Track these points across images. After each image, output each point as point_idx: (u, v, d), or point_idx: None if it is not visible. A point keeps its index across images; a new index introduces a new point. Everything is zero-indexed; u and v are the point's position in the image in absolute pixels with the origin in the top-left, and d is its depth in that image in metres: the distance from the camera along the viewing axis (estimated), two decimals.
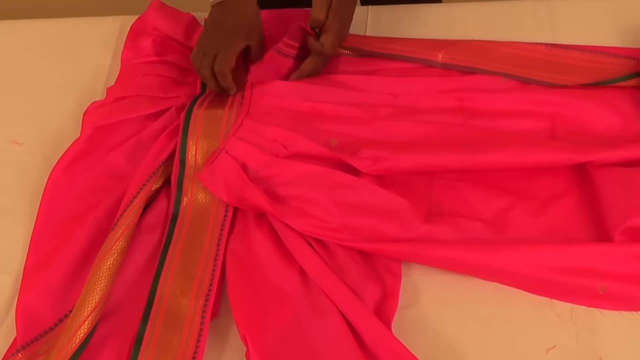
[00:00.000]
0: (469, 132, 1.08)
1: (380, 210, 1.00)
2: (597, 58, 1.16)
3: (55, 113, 1.16)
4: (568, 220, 1.01)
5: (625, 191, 0.98)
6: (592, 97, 1.11)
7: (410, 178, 1.05)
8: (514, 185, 1.04)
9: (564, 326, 0.92)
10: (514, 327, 0.92)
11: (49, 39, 1.26)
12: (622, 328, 0.91)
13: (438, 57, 1.18)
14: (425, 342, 0.91)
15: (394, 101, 1.13)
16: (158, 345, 0.91)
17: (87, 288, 0.93)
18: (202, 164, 1.05)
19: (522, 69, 1.16)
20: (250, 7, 1.13)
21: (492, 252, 0.95)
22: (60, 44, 1.25)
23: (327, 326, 0.91)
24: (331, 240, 0.97)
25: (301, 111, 1.11)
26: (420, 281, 0.97)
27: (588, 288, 0.93)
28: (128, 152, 1.09)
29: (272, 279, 0.96)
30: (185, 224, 1.01)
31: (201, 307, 0.93)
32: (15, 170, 1.11)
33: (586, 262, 0.94)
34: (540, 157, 1.04)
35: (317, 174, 1.03)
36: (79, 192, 1.05)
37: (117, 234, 0.97)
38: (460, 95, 1.12)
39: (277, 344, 0.90)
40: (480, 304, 0.94)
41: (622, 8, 1.23)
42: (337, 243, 0.97)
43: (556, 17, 1.23)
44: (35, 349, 0.93)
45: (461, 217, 1.00)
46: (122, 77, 1.18)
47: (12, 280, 1.00)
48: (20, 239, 1.03)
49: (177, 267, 0.97)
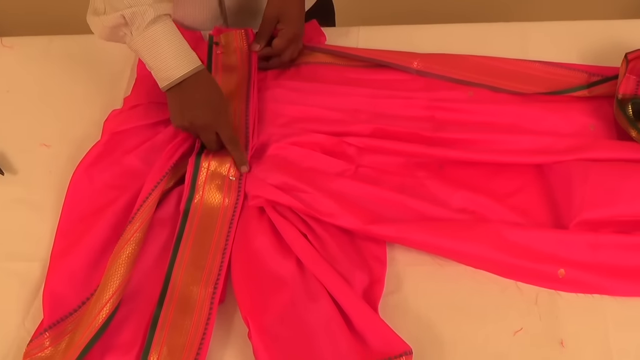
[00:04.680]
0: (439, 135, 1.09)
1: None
2: (555, 70, 1.18)
3: (79, 119, 1.15)
4: (527, 211, 1.02)
5: (580, 186, 0.99)
6: (548, 108, 1.12)
7: (386, 178, 1.06)
8: (477, 182, 1.05)
9: (529, 310, 0.93)
10: (486, 312, 0.93)
11: (76, 54, 1.26)
12: (581, 313, 0.92)
13: (413, 64, 1.19)
14: (407, 324, 0.91)
15: (372, 108, 1.14)
16: (171, 327, 0.91)
17: (108, 274, 0.93)
18: (216, 168, 1.04)
19: (488, 77, 1.17)
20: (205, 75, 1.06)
21: (461, 235, 0.96)
22: (85, 58, 1.25)
23: (320, 309, 0.91)
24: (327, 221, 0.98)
25: (291, 115, 1.12)
26: (403, 271, 0.97)
27: (549, 272, 0.94)
28: (143, 154, 1.08)
29: (271, 269, 0.96)
30: (196, 219, 1.00)
31: (210, 294, 0.94)
32: (43, 169, 1.10)
33: (546, 247, 0.95)
34: (502, 157, 1.05)
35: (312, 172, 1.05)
36: (99, 189, 1.05)
37: (135, 226, 0.96)
38: (430, 104, 1.13)
39: (276, 325, 0.90)
40: (455, 292, 0.95)
41: (582, 30, 1.24)
42: (330, 222, 0.98)
43: (527, 38, 1.24)
44: (60, 328, 0.92)
45: (432, 206, 1.01)
46: (137, 86, 1.18)
47: (40, 267, 0.99)
48: (47, 230, 1.03)
49: (188, 258, 0.97)
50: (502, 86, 1.16)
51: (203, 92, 1.05)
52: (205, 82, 1.06)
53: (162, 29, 1.01)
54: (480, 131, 1.09)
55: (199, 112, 1.04)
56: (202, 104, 1.05)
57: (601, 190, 0.98)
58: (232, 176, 1.04)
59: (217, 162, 1.05)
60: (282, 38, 1.17)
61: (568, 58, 1.19)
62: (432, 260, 0.97)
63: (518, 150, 1.06)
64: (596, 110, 1.12)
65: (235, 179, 1.04)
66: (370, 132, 1.09)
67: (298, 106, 1.13)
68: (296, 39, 1.18)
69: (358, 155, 1.08)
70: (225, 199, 1.02)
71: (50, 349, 0.91)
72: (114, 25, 1.01)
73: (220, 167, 1.05)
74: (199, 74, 1.04)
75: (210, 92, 1.06)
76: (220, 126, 1.05)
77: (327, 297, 0.92)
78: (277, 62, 1.20)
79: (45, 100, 1.20)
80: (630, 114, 1.05)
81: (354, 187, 1.03)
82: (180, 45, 1.03)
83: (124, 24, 1.00)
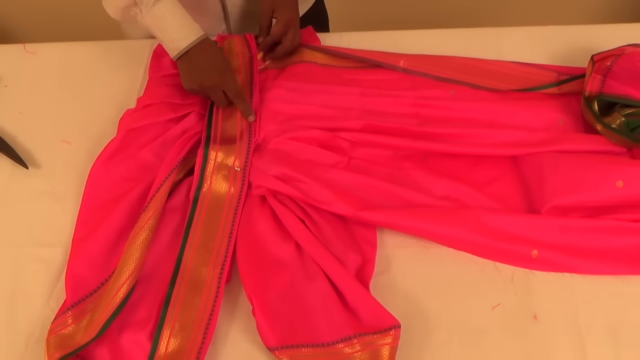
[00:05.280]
0: (424, 130, 1.09)
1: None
2: (528, 69, 1.19)
3: (96, 118, 1.15)
4: (504, 198, 1.02)
5: (551, 175, 1.00)
6: (522, 105, 1.13)
7: (375, 169, 1.06)
8: (458, 172, 1.05)
9: (506, 287, 0.93)
10: (467, 290, 0.94)
11: (93, 59, 1.26)
12: (553, 289, 0.93)
13: (400, 63, 1.20)
14: (396, 301, 0.92)
15: (363, 105, 1.14)
16: (183, 304, 0.92)
17: (125, 258, 0.93)
18: (222, 160, 1.05)
19: (468, 75, 1.18)
20: (209, 43, 1.10)
21: (444, 220, 0.97)
22: (101, 63, 1.24)
23: (317, 288, 0.92)
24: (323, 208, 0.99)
25: (289, 112, 1.13)
26: (391, 253, 0.98)
27: (523, 253, 0.95)
28: (155, 149, 1.08)
29: (273, 252, 0.96)
30: (204, 207, 1.01)
31: (218, 275, 0.94)
32: (64, 164, 1.10)
33: (520, 230, 0.96)
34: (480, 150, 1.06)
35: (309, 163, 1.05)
36: (115, 181, 1.05)
37: (149, 214, 0.97)
38: (416, 102, 1.14)
39: (277, 303, 0.91)
40: (439, 271, 0.95)
41: (553, 34, 1.25)
42: (326, 209, 0.99)
43: (502, 42, 1.24)
44: (82, 307, 0.92)
45: (417, 194, 1.02)
46: (149, 87, 1.18)
47: (62, 252, 0.99)
48: (68, 219, 1.03)
49: (198, 242, 0.97)
50: (480, 84, 1.17)
51: (208, 57, 1.10)
52: (209, 48, 1.10)
53: (167, 6, 1.06)
54: (461, 126, 1.10)
55: (206, 74, 1.09)
56: (208, 67, 1.09)
57: (570, 179, 0.99)
58: (237, 167, 1.05)
59: (223, 154, 1.05)
60: (279, 23, 1.18)
61: (539, 59, 1.20)
62: (418, 243, 0.98)
63: (495, 143, 1.06)
64: (565, 107, 1.13)
65: (240, 170, 1.04)
66: (361, 127, 1.09)
67: (296, 105, 1.13)
68: (293, 24, 1.19)
69: (350, 149, 1.08)
70: (231, 187, 1.03)
71: (72, 326, 0.91)
72: (125, 5, 1.06)
73: (226, 159, 1.05)
74: (203, 42, 1.09)
75: (214, 56, 1.11)
76: (226, 84, 1.11)
77: (324, 277, 0.93)
78: (282, 50, 1.20)
79: (66, 101, 1.20)
80: (596, 110, 1.05)
81: (346, 177, 1.04)
82: (184, 19, 1.08)
83: (134, 4, 1.05)
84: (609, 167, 0.99)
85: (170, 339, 0.89)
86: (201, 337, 0.89)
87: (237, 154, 1.06)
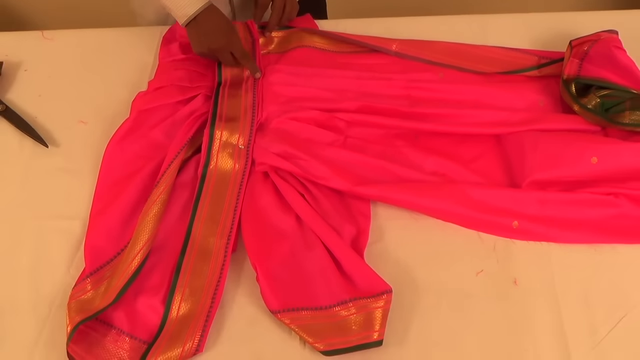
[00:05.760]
0: (414, 110, 1.09)
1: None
2: (511, 53, 1.18)
3: (111, 100, 1.15)
4: (487, 173, 1.03)
5: (531, 152, 1.00)
6: (505, 87, 1.13)
7: (369, 147, 1.06)
8: (446, 149, 1.06)
9: (488, 255, 0.94)
10: (453, 257, 0.94)
11: (107, 45, 1.25)
12: (531, 257, 0.94)
13: (392, 47, 1.20)
14: (388, 268, 0.92)
15: (358, 88, 1.14)
16: (192, 272, 0.93)
17: (139, 229, 0.94)
18: (227, 138, 1.05)
19: (454, 59, 1.18)
20: (218, 14, 1.10)
21: (432, 194, 0.97)
22: (115, 48, 1.24)
23: (315, 257, 0.93)
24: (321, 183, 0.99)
25: (289, 94, 1.12)
26: (384, 224, 0.98)
27: (505, 224, 0.96)
28: (165, 129, 1.08)
29: (274, 223, 0.96)
30: (212, 182, 1.01)
31: (224, 244, 0.95)
32: (81, 142, 1.10)
33: (502, 203, 0.96)
34: (466, 129, 1.06)
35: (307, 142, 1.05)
36: (129, 159, 1.05)
37: (160, 189, 0.97)
38: (407, 85, 1.14)
39: (279, 270, 0.91)
40: (428, 241, 0.96)
41: (535, 21, 1.25)
42: (324, 184, 0.99)
43: (487, 28, 1.24)
44: (100, 275, 0.93)
45: (408, 170, 1.02)
46: (159, 72, 1.18)
47: (81, 224, 1.00)
48: (86, 194, 1.03)
49: (206, 214, 0.97)
50: (467, 67, 1.17)
51: (215, 22, 1.10)
52: (215, 13, 1.10)
53: None
54: (449, 107, 1.10)
55: (213, 37, 1.10)
56: (215, 31, 1.10)
57: (548, 156, 0.99)
58: (241, 145, 1.05)
59: (228, 133, 1.06)
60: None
61: (522, 44, 1.20)
62: (408, 215, 0.98)
63: (480, 123, 1.07)
64: (545, 89, 1.13)
65: (244, 148, 1.05)
66: (356, 108, 1.09)
67: (295, 87, 1.13)
68: None
69: (346, 128, 1.09)
70: (235, 164, 1.03)
71: (91, 292, 0.92)
72: None
73: (230, 138, 1.06)
74: (209, 8, 1.09)
75: (220, 20, 1.11)
76: (233, 46, 1.12)
77: (321, 246, 0.93)
78: (275, 18, 1.20)
79: (82, 84, 1.20)
80: (574, 92, 1.06)
81: (343, 154, 1.04)
82: None
83: None
84: (585, 145, 0.99)
85: (181, 303, 0.90)
86: (209, 302, 0.90)
87: (241, 132, 1.06)
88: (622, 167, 0.98)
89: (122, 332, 0.89)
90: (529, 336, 0.87)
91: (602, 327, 0.87)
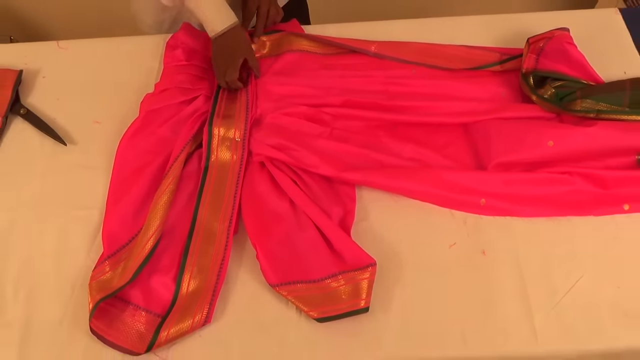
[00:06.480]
0: (392, 103, 1.09)
1: None
2: (475, 51, 1.17)
3: (122, 101, 1.14)
4: (457, 158, 1.02)
5: (495, 138, 1.00)
6: (470, 82, 1.12)
7: (353, 137, 1.06)
8: (421, 137, 1.05)
9: (459, 229, 0.95)
10: (429, 232, 0.95)
11: (117, 52, 1.24)
12: (498, 230, 0.94)
13: (371, 48, 1.18)
14: (373, 245, 0.93)
15: (342, 85, 1.13)
16: (199, 253, 0.93)
17: (150, 216, 0.94)
18: (224, 133, 1.05)
19: (426, 57, 1.16)
20: (240, 33, 1.11)
21: (410, 177, 0.97)
22: (124, 55, 1.23)
23: (308, 237, 0.93)
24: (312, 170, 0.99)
25: (281, 93, 1.11)
26: (369, 205, 0.98)
27: (474, 202, 0.96)
28: (171, 126, 1.08)
29: (271, 207, 0.97)
30: (214, 173, 1.01)
31: (227, 227, 0.95)
32: (96, 141, 1.10)
33: (471, 183, 0.97)
34: (438, 119, 1.06)
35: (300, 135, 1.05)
36: (139, 154, 1.05)
37: (168, 180, 0.98)
38: (385, 81, 1.13)
39: (276, 248, 0.92)
40: (407, 219, 0.96)
41: (496, 22, 1.24)
42: (314, 172, 0.99)
43: (456, 30, 1.22)
44: (117, 258, 0.94)
45: (388, 157, 1.02)
46: (164, 75, 1.17)
47: (98, 214, 1.00)
48: (102, 186, 1.03)
49: (209, 201, 0.98)
50: (437, 64, 1.16)
51: (237, 39, 1.10)
52: (238, 31, 1.11)
53: None
54: (422, 99, 1.09)
55: (233, 51, 1.10)
56: (236, 47, 1.10)
57: (511, 140, 1.00)
58: (237, 138, 1.05)
59: (225, 129, 1.05)
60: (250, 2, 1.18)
61: (486, 42, 1.19)
62: (389, 197, 0.99)
63: (450, 113, 1.07)
64: (506, 81, 1.13)
65: (240, 140, 1.05)
66: (340, 103, 1.09)
67: (286, 86, 1.12)
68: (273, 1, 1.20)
69: (332, 121, 1.08)
70: (234, 155, 1.03)
71: (110, 273, 0.92)
72: None
73: (227, 132, 1.05)
74: (235, 27, 1.10)
75: (241, 38, 1.11)
76: (249, 55, 1.11)
77: (313, 227, 0.94)
78: (260, 23, 1.19)
79: (95, 88, 1.18)
80: (532, 84, 1.06)
81: (330, 144, 1.04)
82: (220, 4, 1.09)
83: None
84: (542, 130, 1.00)
85: (190, 281, 0.91)
86: (215, 278, 0.91)
87: (237, 126, 1.06)
88: (575, 149, 0.98)
89: (138, 307, 0.90)
90: (497, 300, 0.87)
91: (560, 290, 0.88)
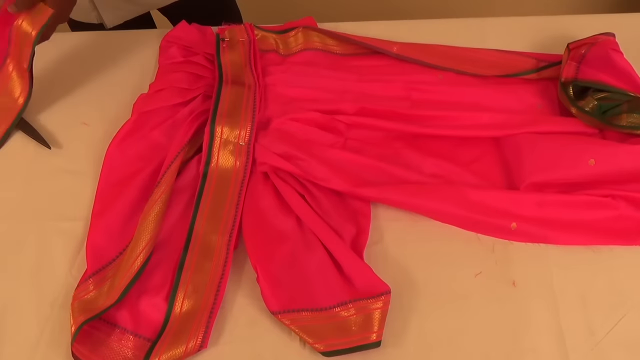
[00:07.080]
0: (414, 112, 1.08)
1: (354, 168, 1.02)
2: (509, 56, 1.16)
3: (113, 102, 1.14)
4: (486, 175, 1.01)
5: (529, 155, 0.99)
6: (503, 90, 1.12)
7: (369, 148, 1.05)
8: (445, 151, 1.04)
9: (487, 257, 0.92)
10: (452, 259, 0.92)
11: (109, 48, 1.24)
12: (529, 259, 0.92)
13: (393, 49, 1.18)
14: (387, 270, 0.91)
15: (358, 89, 1.13)
16: (195, 269, 0.91)
17: (140, 229, 0.92)
18: (227, 135, 1.04)
19: (454, 62, 1.16)
20: None
21: (431, 195, 0.96)
22: (117, 51, 1.23)
23: (316, 258, 0.91)
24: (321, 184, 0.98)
25: (290, 95, 1.12)
26: (384, 225, 0.97)
27: (503, 225, 0.93)
28: (165, 130, 1.07)
29: (275, 225, 0.95)
30: (213, 180, 1.00)
31: (226, 242, 0.93)
32: (83, 144, 1.09)
33: (501, 204, 0.94)
34: (465, 132, 1.05)
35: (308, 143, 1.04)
36: (130, 160, 1.04)
37: (161, 189, 0.96)
38: (407, 87, 1.13)
39: (279, 271, 0.90)
40: (427, 243, 0.94)
41: (533, 24, 1.23)
42: (324, 185, 0.98)
43: (486, 32, 1.22)
44: (102, 275, 0.92)
45: (407, 172, 1.01)
46: (159, 74, 1.17)
47: (82, 225, 0.98)
48: (88, 195, 1.02)
49: (208, 211, 0.96)
50: (465, 70, 1.15)
51: None
52: None
53: None
54: (448, 109, 1.08)
55: None
56: None
57: (546, 158, 0.98)
58: (242, 142, 1.03)
59: (228, 129, 1.04)
60: None
61: (520, 47, 1.18)
62: (408, 217, 0.97)
63: (478, 125, 1.05)
64: (543, 91, 1.11)
65: (244, 145, 1.03)
66: (356, 110, 1.08)
67: (297, 88, 1.12)
68: None
69: (346, 130, 1.07)
70: (237, 161, 1.02)
71: (94, 292, 0.90)
72: None
73: (231, 135, 1.04)
74: None
75: None
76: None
77: (322, 248, 0.92)
78: None
79: (84, 87, 1.18)
80: (571, 94, 1.04)
81: (343, 156, 1.02)
82: None
83: None
84: (582, 147, 0.98)
85: (184, 300, 0.89)
86: (212, 298, 0.89)
87: (242, 127, 1.05)
88: (619, 169, 0.96)
89: (126, 331, 0.88)
90: (528, 337, 0.85)
91: (600, 329, 0.85)
